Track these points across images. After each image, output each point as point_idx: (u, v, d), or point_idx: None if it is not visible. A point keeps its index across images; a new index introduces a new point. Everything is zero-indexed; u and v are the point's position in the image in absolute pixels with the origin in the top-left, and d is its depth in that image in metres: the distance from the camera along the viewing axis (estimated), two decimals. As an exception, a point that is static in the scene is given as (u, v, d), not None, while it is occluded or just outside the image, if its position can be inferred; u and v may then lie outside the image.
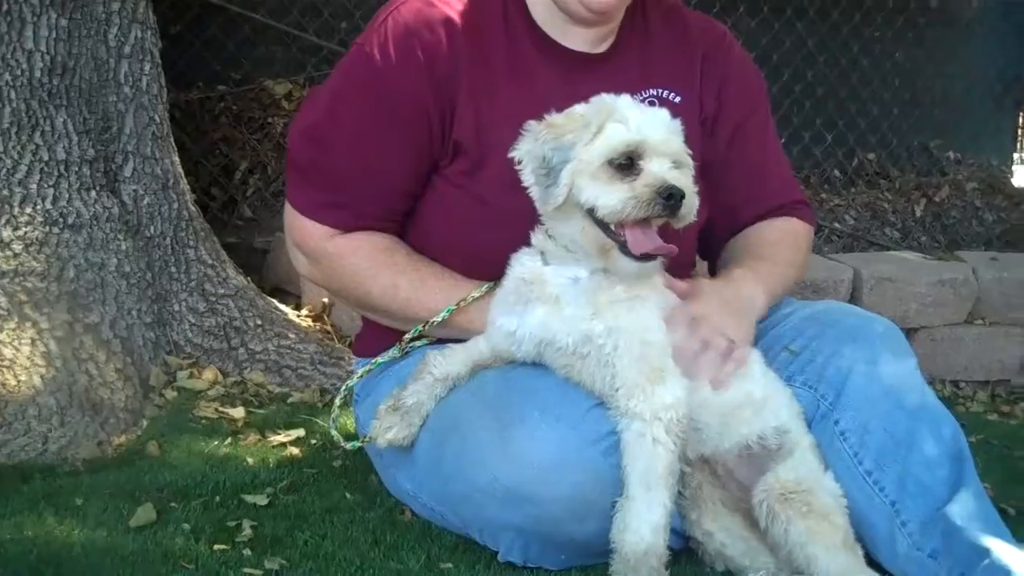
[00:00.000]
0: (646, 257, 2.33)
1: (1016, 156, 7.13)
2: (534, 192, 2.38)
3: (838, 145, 6.17)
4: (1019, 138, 7.19)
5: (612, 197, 2.29)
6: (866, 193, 6.23)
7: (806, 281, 4.25)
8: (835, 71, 6.18)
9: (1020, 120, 7.16)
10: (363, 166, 2.67)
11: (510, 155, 2.41)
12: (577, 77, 2.68)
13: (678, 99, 2.77)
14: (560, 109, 2.44)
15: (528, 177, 2.38)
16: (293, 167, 2.78)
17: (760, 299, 2.69)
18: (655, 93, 2.75)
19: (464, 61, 2.63)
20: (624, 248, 2.33)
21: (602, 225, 2.34)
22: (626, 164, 2.30)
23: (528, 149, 2.38)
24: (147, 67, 3.76)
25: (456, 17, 2.65)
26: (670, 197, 2.26)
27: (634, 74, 2.75)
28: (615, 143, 2.31)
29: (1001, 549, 2.26)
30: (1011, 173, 6.98)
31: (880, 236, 5.88)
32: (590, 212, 2.33)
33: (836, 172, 6.29)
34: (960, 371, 4.51)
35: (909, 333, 4.44)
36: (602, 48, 2.77)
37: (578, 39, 2.73)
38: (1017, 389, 4.56)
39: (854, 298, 4.38)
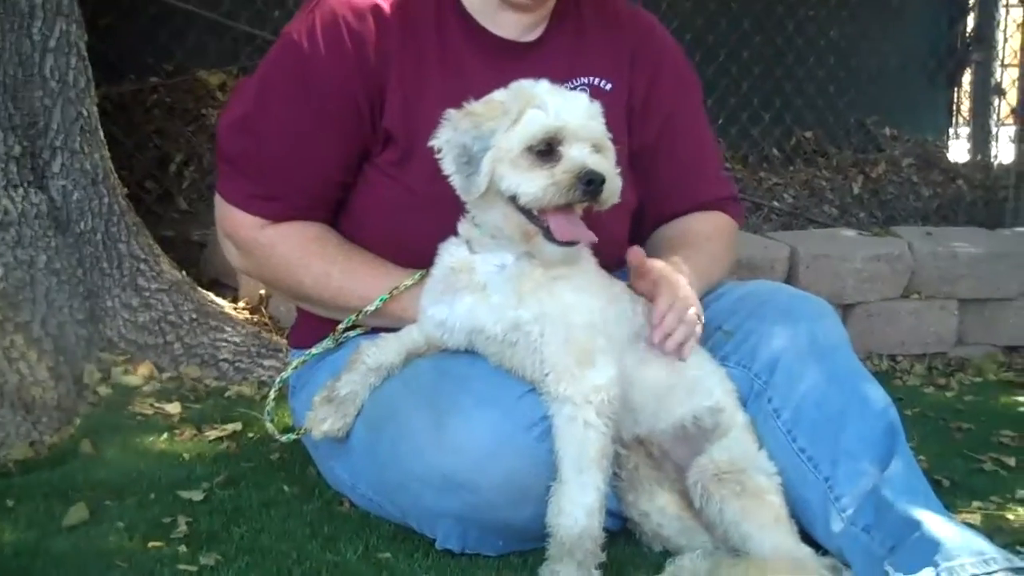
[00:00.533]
0: (568, 244, 2.34)
1: (951, 131, 7.20)
2: (455, 181, 2.37)
3: (775, 124, 6.21)
4: (954, 113, 7.25)
5: (533, 184, 2.28)
6: (804, 171, 6.28)
7: (742, 260, 4.26)
8: (771, 50, 6.21)
9: (954, 96, 7.22)
10: (293, 156, 2.65)
11: (429, 144, 2.40)
12: (507, 65, 2.66)
13: (608, 86, 2.77)
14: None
15: (449, 166, 2.37)
16: (223, 158, 2.75)
17: (696, 288, 2.68)
18: (585, 81, 2.74)
19: (393, 49, 2.62)
20: (548, 234, 2.33)
21: (525, 212, 2.34)
22: (546, 150, 2.30)
23: (448, 138, 2.37)
24: (73, 61, 3.69)
25: (385, 5, 2.63)
26: (590, 182, 2.26)
27: (564, 62, 2.74)
28: (534, 129, 2.30)
29: (932, 521, 2.28)
30: (946, 148, 7.05)
31: (819, 214, 5.93)
32: (512, 199, 2.33)
33: (774, 151, 6.33)
34: (897, 345, 4.56)
35: (846, 309, 4.49)
36: (533, 36, 2.76)
37: (509, 27, 2.73)
38: (953, 361, 4.62)
39: (791, 276, 4.41)
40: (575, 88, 2.62)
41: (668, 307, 2.47)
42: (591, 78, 2.75)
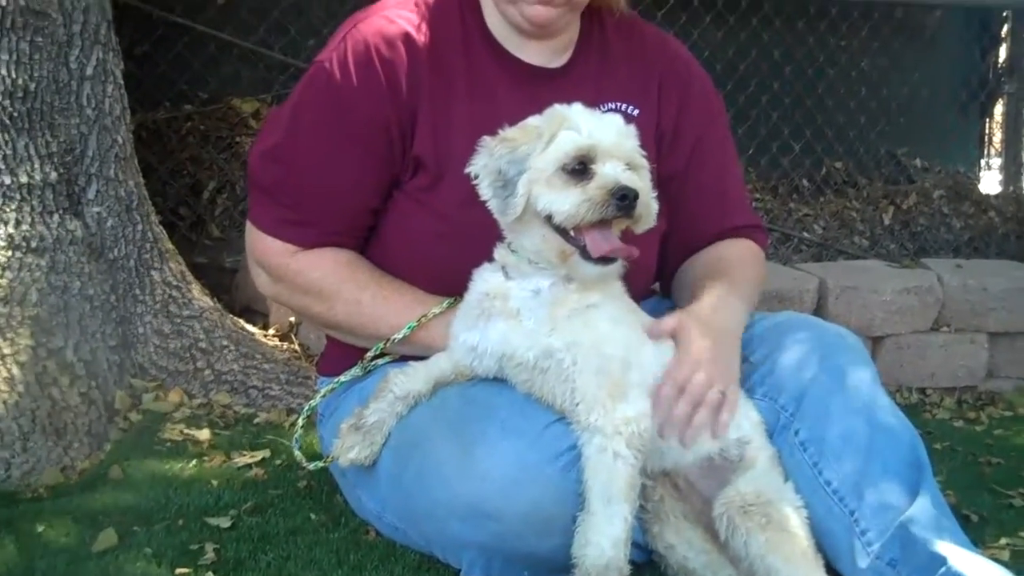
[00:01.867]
0: (605, 260, 2.35)
1: (982, 162, 7.17)
2: (492, 205, 2.40)
3: (806, 154, 6.19)
4: (985, 145, 7.22)
5: (567, 202, 2.30)
6: (834, 202, 6.25)
7: (771, 291, 4.26)
8: (801, 81, 6.20)
9: (986, 127, 7.19)
10: (324, 184, 2.68)
11: (466, 171, 2.43)
12: (535, 91, 2.69)
13: (636, 112, 2.79)
14: (516, 123, 2.46)
15: (486, 191, 2.40)
16: (255, 186, 2.78)
17: (743, 318, 2.68)
18: (613, 107, 2.76)
19: (424, 77, 2.65)
20: (584, 252, 2.35)
21: (561, 231, 2.36)
22: (579, 169, 2.32)
23: (484, 164, 2.40)
24: (109, 89, 3.74)
25: (415, 33, 2.66)
26: (623, 197, 2.28)
27: (591, 87, 2.76)
28: (567, 148, 2.33)
29: (958, 557, 2.27)
30: (978, 180, 7.02)
31: (849, 245, 5.90)
32: (548, 219, 2.35)
33: (804, 181, 6.31)
34: (927, 378, 4.52)
35: (875, 341, 4.46)
36: (560, 62, 2.79)
37: (535, 53, 2.75)
38: (983, 395, 4.58)
39: (820, 307, 4.39)
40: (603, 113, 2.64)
41: (678, 389, 2.46)
42: (618, 103, 2.77)
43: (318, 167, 2.66)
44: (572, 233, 2.35)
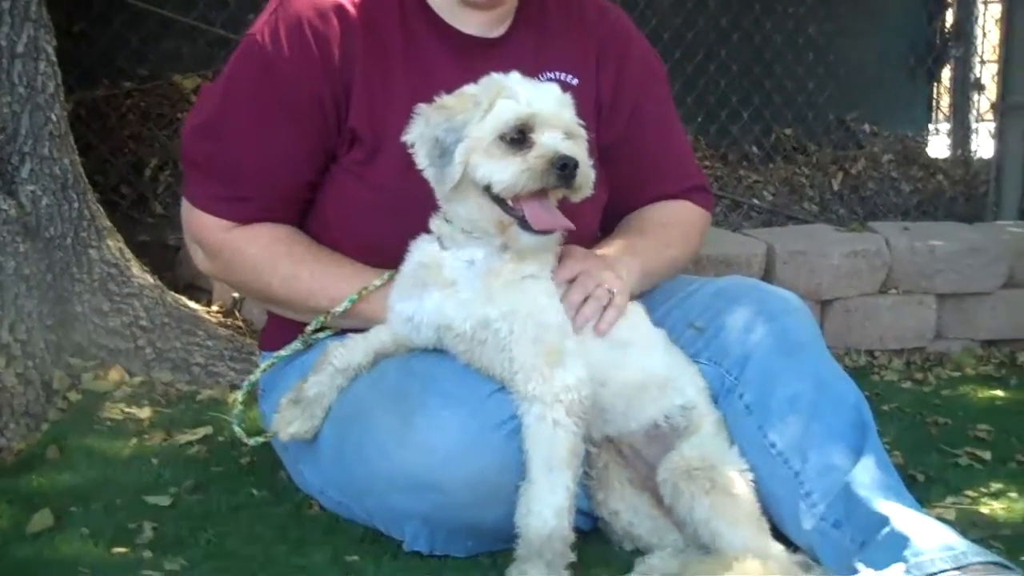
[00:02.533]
0: (544, 232, 2.33)
1: (931, 127, 7.20)
2: (429, 174, 2.37)
3: (755, 121, 6.18)
4: (934, 109, 7.25)
5: (506, 171, 2.28)
6: (784, 168, 6.26)
7: (719, 256, 4.25)
8: (749, 48, 6.19)
9: (934, 91, 7.22)
10: (258, 158, 2.63)
11: (402, 139, 2.39)
12: (472, 62, 2.65)
13: (575, 81, 2.76)
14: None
15: (422, 160, 2.37)
16: (188, 162, 2.74)
17: (633, 271, 2.67)
18: (551, 76, 2.73)
19: (358, 48, 2.61)
20: (523, 223, 2.32)
21: (499, 201, 2.33)
22: (518, 138, 2.30)
23: (420, 132, 2.37)
24: (42, 66, 3.65)
25: (349, 4, 2.62)
26: (564, 167, 2.26)
27: (529, 57, 2.72)
28: (506, 117, 2.30)
29: (902, 517, 2.27)
30: (926, 144, 7.05)
31: (799, 211, 5.92)
32: (486, 189, 2.32)
33: (754, 148, 6.31)
34: (875, 340, 4.53)
35: (823, 305, 4.47)
36: (498, 32, 2.75)
37: (473, 23, 2.71)
38: (931, 356, 4.60)
39: (768, 272, 4.38)
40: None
41: (569, 277, 2.50)
42: (557, 73, 2.73)
43: (251, 141, 2.62)
44: (510, 203, 2.33)
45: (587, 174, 2.32)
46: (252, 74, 2.64)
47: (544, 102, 2.34)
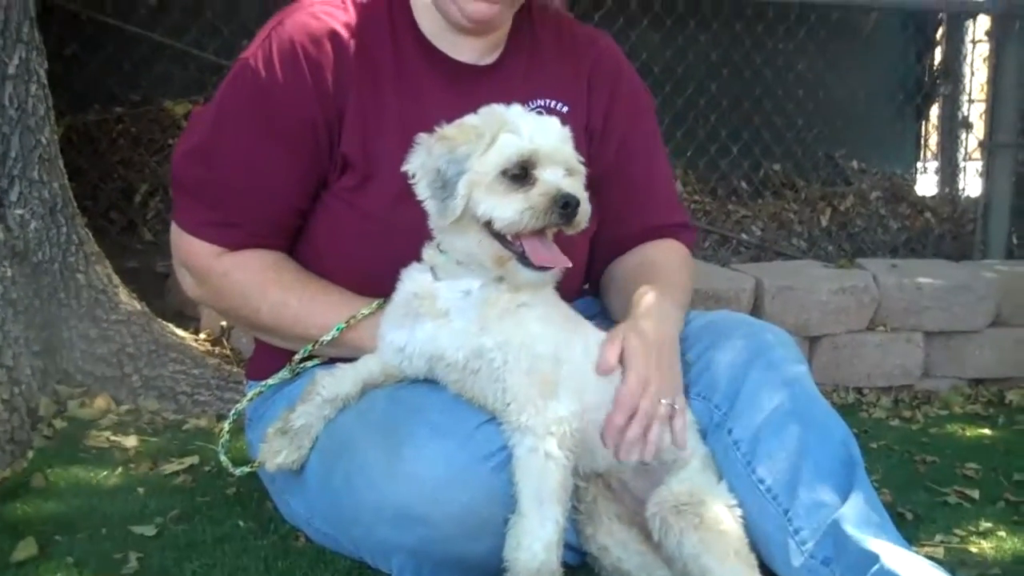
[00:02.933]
0: (544, 268, 2.32)
1: (919, 165, 7.24)
2: (430, 206, 2.35)
3: (744, 157, 6.21)
4: (922, 147, 7.29)
5: (508, 209, 2.27)
6: (772, 204, 6.29)
7: (708, 291, 4.26)
8: (739, 83, 6.23)
9: (922, 129, 7.26)
10: (249, 184, 2.62)
11: (403, 169, 2.38)
12: (464, 88, 2.67)
13: (565, 109, 2.76)
14: (449, 121, 2.42)
15: (423, 191, 2.35)
16: (178, 186, 2.72)
17: (679, 324, 2.65)
18: (542, 103, 2.74)
19: (351, 74, 2.60)
20: (522, 259, 2.31)
21: (499, 237, 2.32)
22: (520, 174, 2.28)
23: (421, 162, 2.35)
24: (33, 88, 3.65)
25: (342, 30, 2.61)
26: (566, 205, 2.26)
27: (521, 84, 2.73)
28: (509, 153, 2.29)
29: (890, 554, 2.26)
30: (914, 181, 7.10)
31: (787, 246, 5.94)
32: (487, 225, 2.31)
33: (743, 183, 6.34)
34: (863, 378, 4.54)
35: (812, 341, 4.47)
36: (490, 59, 2.76)
37: (465, 50, 2.72)
38: (919, 394, 4.60)
39: (756, 307, 4.39)
40: (532, 110, 2.61)
41: (628, 415, 2.42)
42: (548, 100, 2.74)
43: (242, 167, 2.61)
44: (510, 239, 2.32)
45: (586, 211, 2.32)
46: (244, 99, 2.63)
47: (546, 137, 2.33)
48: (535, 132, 2.32)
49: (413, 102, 2.64)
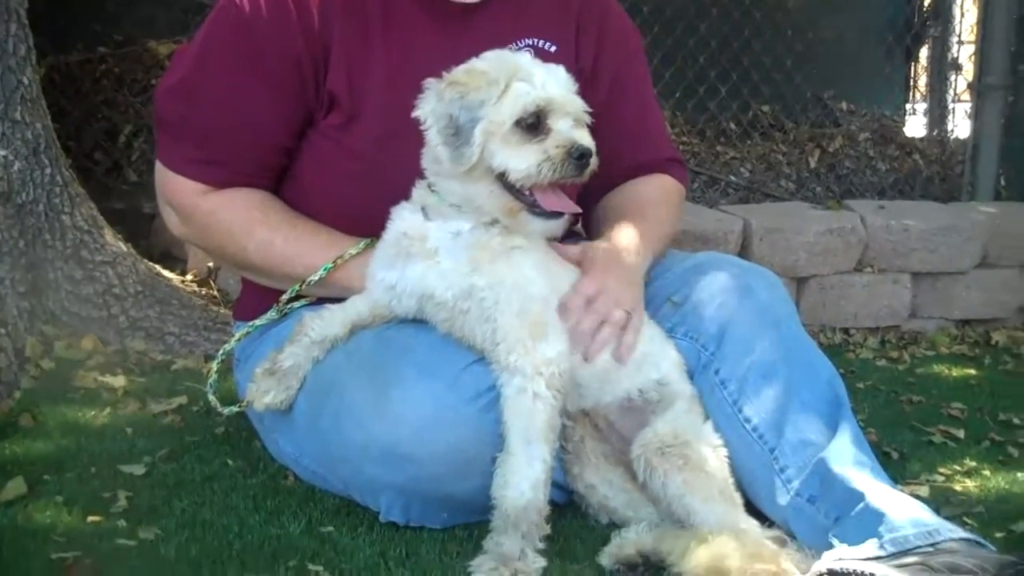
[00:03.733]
0: (556, 215, 2.33)
1: (908, 106, 7.21)
2: (442, 153, 2.33)
3: (732, 98, 6.16)
4: (911, 88, 7.26)
5: (524, 161, 2.27)
6: (761, 145, 6.25)
7: (696, 232, 4.26)
8: (727, 23, 6.16)
9: (911, 71, 7.23)
10: (234, 121, 2.61)
11: (414, 115, 2.35)
12: (452, 27, 2.66)
13: (554, 48, 2.75)
14: (436, 60, 2.40)
15: (434, 137, 2.34)
16: (162, 124, 2.71)
17: (647, 261, 2.68)
18: (531, 43, 2.72)
19: (337, 11, 2.58)
20: (533, 208, 2.33)
21: (510, 188, 2.32)
22: (534, 124, 2.28)
23: (432, 108, 2.33)
24: (13, 28, 3.61)
25: None
26: (581, 157, 2.27)
27: (509, 23, 2.71)
28: (524, 103, 2.28)
29: (876, 493, 2.28)
30: (903, 123, 7.06)
31: (775, 188, 5.92)
32: (500, 176, 2.31)
33: (731, 124, 6.29)
34: (850, 318, 4.55)
35: (799, 282, 4.48)
36: None
37: None
38: (906, 335, 4.63)
39: (744, 249, 4.39)
40: (520, 50, 2.59)
41: (584, 301, 2.47)
42: (536, 39, 2.72)
43: (227, 103, 2.59)
44: (521, 189, 2.32)
45: (596, 162, 2.32)
46: (228, 34, 2.61)
47: (558, 87, 2.33)
48: (547, 81, 2.32)
49: (400, 40, 2.62)
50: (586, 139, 2.30)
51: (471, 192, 2.36)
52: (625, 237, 2.66)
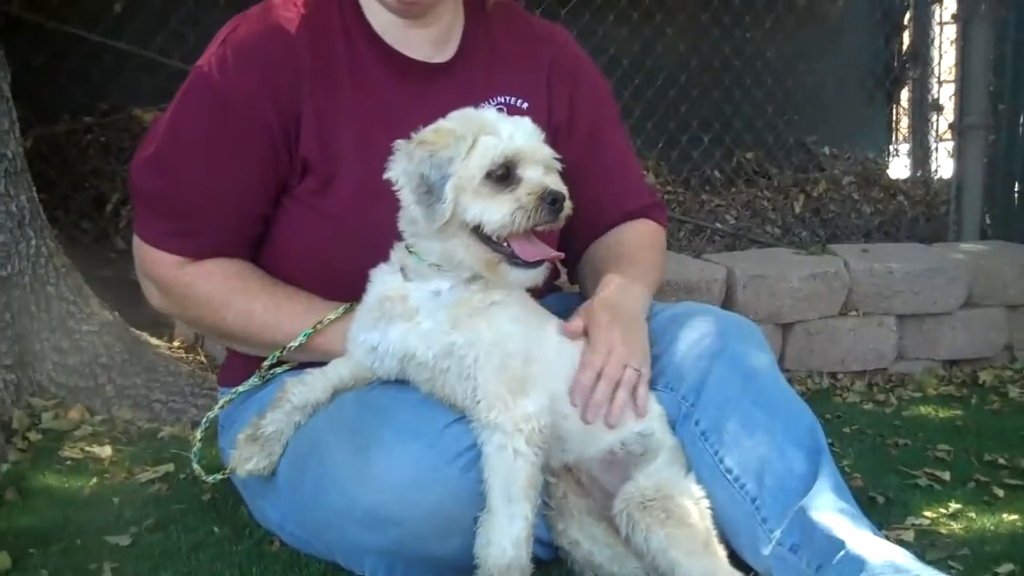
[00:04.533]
0: (536, 263, 2.35)
1: (891, 148, 7.27)
2: (416, 212, 2.35)
3: (715, 146, 6.22)
4: (893, 130, 7.32)
5: (498, 211, 2.29)
6: (745, 192, 6.31)
7: (679, 282, 4.27)
8: (708, 73, 6.24)
9: (893, 113, 7.29)
10: (209, 191, 2.63)
11: (386, 176, 2.37)
12: (422, 87, 2.69)
13: (525, 105, 2.78)
14: (407, 119, 2.43)
15: (407, 197, 2.36)
16: (138, 197, 2.73)
17: (646, 302, 2.72)
18: (502, 100, 2.75)
19: (306, 77, 2.61)
20: (512, 259, 2.34)
21: (486, 240, 2.34)
22: (504, 175, 2.30)
23: (403, 168, 2.35)
24: (-5, 102, 3.65)
25: (295, 34, 2.61)
26: (554, 201, 2.28)
27: (479, 82, 2.75)
28: (492, 155, 2.30)
29: (856, 540, 2.28)
30: (886, 165, 7.13)
31: (761, 234, 5.95)
32: (475, 229, 2.33)
33: (715, 172, 6.36)
34: (837, 363, 4.55)
35: (784, 328, 4.48)
36: (445, 57, 2.77)
37: (417, 46, 2.72)
38: (894, 377, 4.63)
39: (728, 296, 4.40)
40: (492, 107, 2.62)
41: (595, 374, 2.50)
42: (507, 97, 2.76)
43: (200, 174, 2.61)
44: (497, 240, 2.33)
45: (570, 205, 2.35)
46: (199, 104, 2.64)
47: (525, 137, 2.36)
48: (514, 132, 2.35)
49: (370, 100, 2.65)
50: (557, 184, 2.32)
51: (449, 248, 2.37)
52: (620, 286, 2.69)
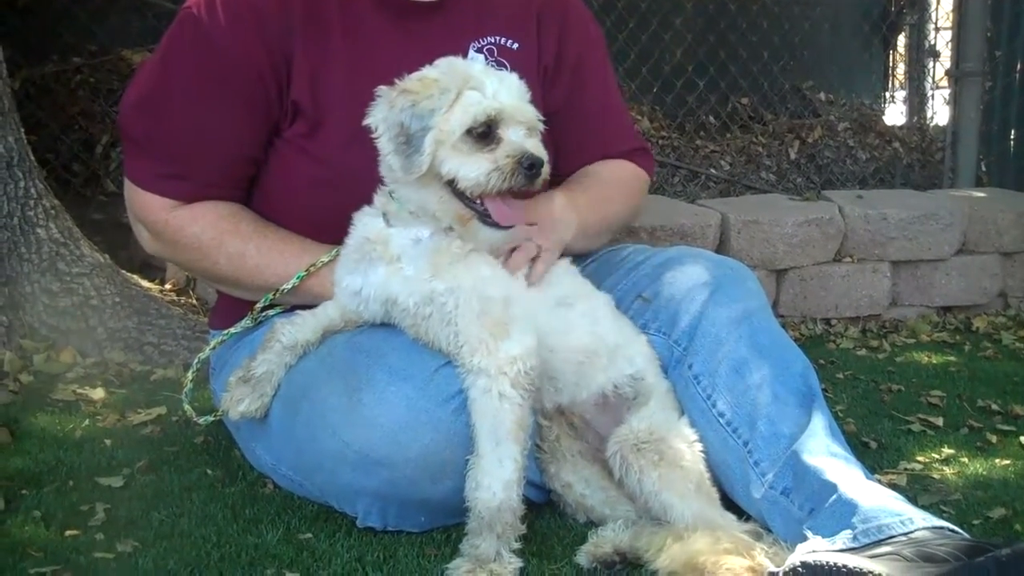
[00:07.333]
0: (507, 227, 2.34)
1: (887, 95, 7.23)
2: (393, 161, 2.33)
3: (711, 91, 6.19)
4: (889, 77, 7.28)
5: (474, 170, 2.27)
6: (740, 138, 6.28)
7: (673, 228, 4.26)
8: (704, 17, 6.19)
9: (889, 59, 7.25)
10: (199, 134, 2.60)
11: (365, 123, 2.35)
12: (412, 26, 2.66)
13: (516, 46, 2.76)
14: (397, 61, 2.40)
15: (385, 145, 2.33)
16: (127, 139, 2.71)
17: (571, 224, 2.69)
18: (492, 41, 2.73)
19: (297, 20, 2.58)
20: (484, 218, 2.32)
21: (461, 196, 2.32)
22: (485, 133, 2.28)
23: (384, 116, 2.33)
24: (-19, 44, 3.61)
25: None
26: (531, 167, 2.26)
27: (470, 22, 2.72)
28: (475, 112, 2.27)
29: (849, 484, 2.28)
30: (882, 112, 7.09)
31: (756, 180, 5.93)
32: (450, 183, 2.30)
33: (710, 118, 6.32)
34: (831, 308, 4.56)
35: (778, 274, 4.48)
36: None
37: None
38: (887, 324, 4.63)
39: (723, 242, 4.39)
40: (481, 48, 2.61)
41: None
42: (498, 37, 2.73)
43: (190, 117, 2.59)
44: (471, 197, 2.32)
45: (548, 171, 2.32)
46: (188, 47, 2.60)
47: (510, 96, 2.32)
48: (498, 89, 2.31)
49: (361, 43, 2.62)
50: (537, 149, 2.30)
51: (424, 199, 2.35)
52: (555, 203, 2.69)
